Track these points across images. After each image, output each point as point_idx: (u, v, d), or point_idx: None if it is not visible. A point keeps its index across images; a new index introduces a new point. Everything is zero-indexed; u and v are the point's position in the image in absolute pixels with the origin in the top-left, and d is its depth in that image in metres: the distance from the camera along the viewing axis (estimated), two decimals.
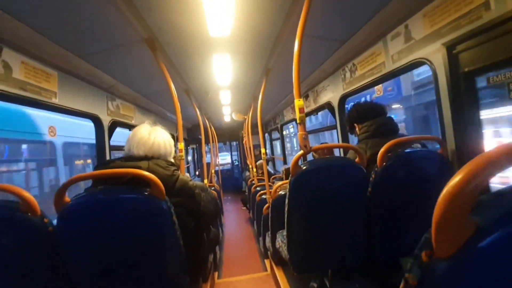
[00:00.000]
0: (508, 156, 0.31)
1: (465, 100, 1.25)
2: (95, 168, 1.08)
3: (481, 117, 1.25)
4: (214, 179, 4.80)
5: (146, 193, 0.95)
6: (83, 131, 4.46)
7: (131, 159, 1.10)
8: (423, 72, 6.83)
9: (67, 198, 0.97)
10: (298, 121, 1.27)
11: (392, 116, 1.57)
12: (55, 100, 1.74)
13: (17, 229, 0.92)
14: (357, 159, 1.30)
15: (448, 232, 0.33)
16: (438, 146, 1.34)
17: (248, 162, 5.35)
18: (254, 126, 4.82)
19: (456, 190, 0.32)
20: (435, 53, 1.35)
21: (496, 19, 1.03)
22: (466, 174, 0.32)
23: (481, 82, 1.22)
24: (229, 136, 7.94)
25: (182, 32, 1.73)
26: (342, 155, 2.41)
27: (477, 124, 1.25)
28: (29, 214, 0.92)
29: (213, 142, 5.29)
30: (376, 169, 1.23)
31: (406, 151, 1.28)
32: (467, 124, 1.26)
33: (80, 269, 1.00)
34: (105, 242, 0.98)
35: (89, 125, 2.37)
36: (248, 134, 4.44)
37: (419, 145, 1.43)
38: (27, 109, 3.58)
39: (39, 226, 0.94)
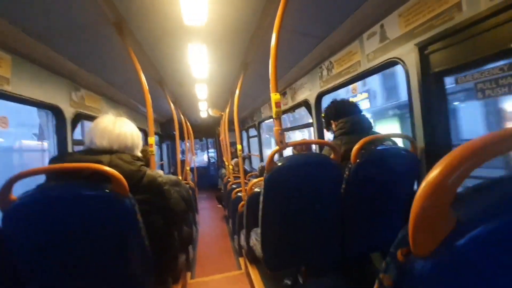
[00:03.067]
0: (494, 145, 0.29)
1: (435, 99, 1.30)
2: (50, 162, 0.96)
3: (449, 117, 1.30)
4: (189, 177, 4.66)
5: (107, 190, 0.86)
6: None
7: (91, 152, 0.99)
8: None
9: (13, 196, 0.85)
10: (274, 116, 1.23)
11: None
12: (8, 88, 1.54)
13: None
14: (332, 156, 1.30)
15: (427, 228, 0.31)
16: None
17: (224, 159, 5.27)
18: (231, 122, 4.75)
19: (436, 182, 0.30)
20: (408, 53, 1.38)
21: (467, 21, 1.07)
22: (447, 164, 0.30)
23: None
24: (206, 132, 7.77)
25: (154, 16, 1.61)
26: (317, 151, 2.43)
27: (446, 123, 1.30)
28: None
29: (188, 138, 5.13)
30: (350, 165, 1.24)
31: (378, 148, 1.30)
32: (436, 123, 1.30)
33: (32, 274, 0.89)
34: (59, 244, 0.87)
35: None
36: (224, 131, 4.36)
37: (390, 143, 1.47)
38: None
39: None
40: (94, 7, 1.41)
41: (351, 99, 1.69)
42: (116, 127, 1.06)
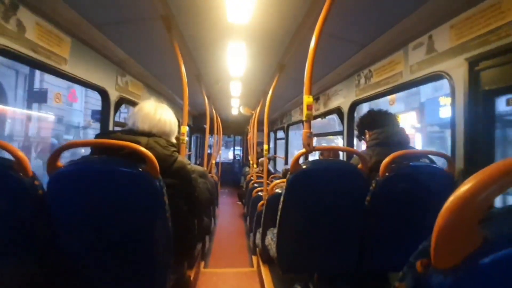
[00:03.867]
0: None
1: (482, 119, 1.20)
2: (95, 138, 1.06)
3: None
4: (214, 170, 4.79)
5: (140, 169, 0.93)
6: None
7: (131, 132, 1.08)
8: None
9: (60, 163, 0.95)
10: (304, 119, 1.23)
11: None
12: (65, 67, 1.72)
13: (8, 187, 0.91)
14: (359, 166, 1.27)
15: (451, 242, 0.30)
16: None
17: (249, 158, 5.33)
18: (260, 122, 4.80)
19: (466, 197, 0.29)
20: (456, 67, 1.30)
21: None
22: (479, 180, 0.29)
23: None
24: (235, 129, 7.91)
25: (200, 13, 1.70)
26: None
27: (491, 146, 1.20)
28: (21, 174, 0.91)
29: (217, 133, 5.27)
30: (377, 178, 1.20)
31: (411, 164, 1.24)
32: (480, 145, 1.21)
33: (66, 235, 0.99)
34: (93, 212, 0.96)
35: None
36: (253, 130, 4.41)
37: (427, 160, 1.39)
38: None
39: (29, 188, 0.92)
40: (147, 2, 1.52)
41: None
42: (157, 113, 1.15)
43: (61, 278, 1.01)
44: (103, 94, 2.25)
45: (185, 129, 1.92)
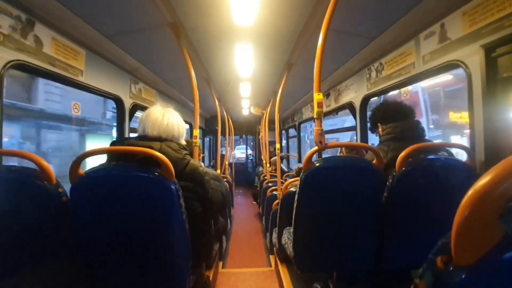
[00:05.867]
0: None
1: (501, 108, 1.15)
2: (111, 145, 1.10)
3: None
4: (228, 171, 4.82)
5: (156, 173, 0.96)
6: None
7: (144, 138, 1.12)
8: None
9: (81, 171, 1.00)
10: (315, 116, 1.23)
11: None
12: (81, 78, 1.79)
13: (34, 195, 0.97)
14: (374, 161, 1.24)
15: (471, 238, 0.29)
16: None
17: (262, 157, 5.34)
18: (271, 122, 4.79)
19: (485, 190, 0.28)
20: (471, 55, 1.25)
21: None
22: (498, 173, 0.28)
23: None
24: (246, 130, 7.94)
25: (207, 17, 1.72)
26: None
27: None
28: (46, 182, 0.96)
29: (229, 134, 5.31)
30: (394, 173, 1.17)
31: (429, 158, 1.20)
32: (501, 135, 1.16)
33: (88, 239, 1.04)
34: (113, 216, 1.00)
35: None
36: (264, 130, 4.42)
37: (445, 153, 1.35)
38: None
39: (54, 195, 0.97)
40: (156, 11, 1.56)
41: None
42: (165, 118, 1.18)
43: (84, 280, 1.06)
44: (118, 102, 2.33)
45: (197, 132, 1.95)
